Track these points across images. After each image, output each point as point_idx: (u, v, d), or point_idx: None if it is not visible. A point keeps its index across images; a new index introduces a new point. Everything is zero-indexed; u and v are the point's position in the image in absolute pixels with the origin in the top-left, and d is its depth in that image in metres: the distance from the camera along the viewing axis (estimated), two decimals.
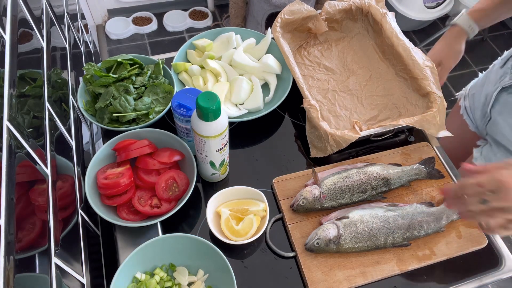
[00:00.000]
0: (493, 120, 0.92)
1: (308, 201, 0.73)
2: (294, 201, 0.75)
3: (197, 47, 0.95)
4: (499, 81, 0.91)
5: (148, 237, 0.67)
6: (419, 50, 0.90)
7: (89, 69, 0.83)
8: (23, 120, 0.51)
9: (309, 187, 0.75)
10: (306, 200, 0.73)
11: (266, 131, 0.89)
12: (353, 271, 0.70)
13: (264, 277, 0.71)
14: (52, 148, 0.60)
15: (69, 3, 1.03)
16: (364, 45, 1.00)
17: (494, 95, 0.91)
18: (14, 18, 0.56)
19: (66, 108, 0.75)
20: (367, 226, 0.70)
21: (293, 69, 0.86)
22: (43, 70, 0.65)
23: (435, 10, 2.25)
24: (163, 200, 0.72)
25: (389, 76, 0.94)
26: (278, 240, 0.74)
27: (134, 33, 2.30)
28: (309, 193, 0.74)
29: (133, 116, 0.80)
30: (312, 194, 0.74)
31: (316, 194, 0.74)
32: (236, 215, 0.72)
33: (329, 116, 0.88)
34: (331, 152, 0.79)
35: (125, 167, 0.73)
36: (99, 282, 0.70)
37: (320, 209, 0.75)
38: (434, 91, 0.83)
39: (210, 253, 0.65)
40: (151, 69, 0.87)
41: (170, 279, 0.67)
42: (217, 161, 0.73)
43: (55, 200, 0.56)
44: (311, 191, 0.74)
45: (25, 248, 0.43)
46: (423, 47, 2.28)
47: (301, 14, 0.94)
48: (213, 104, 0.61)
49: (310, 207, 0.74)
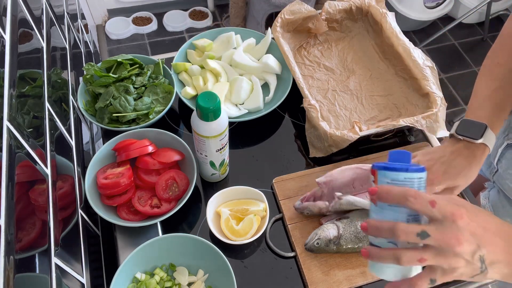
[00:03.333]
0: (500, 174, 0.90)
1: (323, 241, 0.69)
2: (309, 241, 0.70)
3: (197, 47, 0.95)
4: (505, 135, 0.87)
5: (148, 237, 0.67)
6: (419, 50, 0.90)
7: (89, 69, 0.83)
8: (23, 120, 0.51)
9: (325, 224, 0.71)
10: (321, 241, 0.69)
11: (266, 131, 0.89)
12: (353, 271, 0.70)
13: (264, 277, 0.71)
14: (52, 148, 0.60)
15: (69, 3, 1.03)
16: (364, 45, 1.00)
17: (500, 150, 0.88)
18: (14, 18, 0.56)
19: (66, 108, 0.75)
20: None
21: (293, 69, 0.86)
22: (43, 70, 0.65)
23: (435, 10, 2.25)
24: (163, 200, 0.72)
25: (389, 76, 0.94)
26: (278, 240, 0.74)
27: (134, 33, 2.30)
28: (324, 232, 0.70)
29: (133, 116, 0.80)
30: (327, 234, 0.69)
31: (332, 236, 0.69)
32: (236, 215, 0.72)
33: (329, 116, 0.88)
34: (331, 152, 0.79)
35: (125, 167, 0.73)
36: (99, 282, 0.70)
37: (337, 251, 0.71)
38: (434, 91, 0.83)
39: (210, 253, 0.65)
40: (151, 69, 0.87)
41: (170, 279, 0.67)
42: (217, 161, 0.73)
43: (55, 200, 0.56)
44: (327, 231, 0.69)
45: (25, 248, 0.43)
46: (423, 47, 2.28)
47: (301, 14, 0.94)
48: (213, 104, 0.61)
49: (325, 249, 0.70)
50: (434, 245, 0.43)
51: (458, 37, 2.39)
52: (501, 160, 0.89)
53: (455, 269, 0.43)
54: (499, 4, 2.27)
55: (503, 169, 0.88)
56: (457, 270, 0.43)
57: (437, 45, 2.35)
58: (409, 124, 0.79)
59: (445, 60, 2.29)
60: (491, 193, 0.95)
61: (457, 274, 0.43)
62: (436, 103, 0.82)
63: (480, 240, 0.43)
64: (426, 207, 0.43)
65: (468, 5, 2.27)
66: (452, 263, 0.43)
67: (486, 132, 0.64)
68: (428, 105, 0.84)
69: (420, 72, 0.86)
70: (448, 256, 0.43)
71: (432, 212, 0.43)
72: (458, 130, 0.66)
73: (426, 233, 0.43)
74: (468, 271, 0.43)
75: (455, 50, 2.34)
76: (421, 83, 0.86)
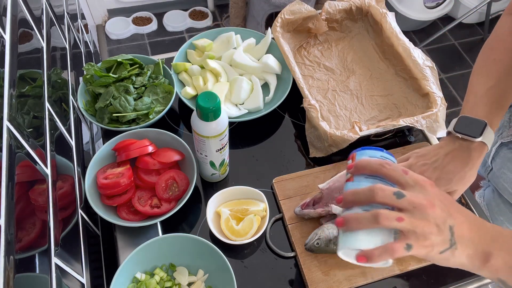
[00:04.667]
0: (495, 172, 0.90)
1: (323, 241, 0.69)
2: (309, 241, 0.70)
3: (197, 47, 0.95)
4: (499, 134, 0.87)
5: (148, 237, 0.67)
6: (419, 50, 0.90)
7: (89, 69, 0.83)
8: (23, 120, 0.51)
9: (325, 225, 0.71)
10: (321, 241, 0.68)
11: (266, 131, 0.89)
12: (353, 271, 0.70)
13: (264, 277, 0.71)
14: (52, 148, 0.60)
15: (69, 3, 1.03)
16: (364, 45, 1.00)
17: (494, 149, 0.88)
18: (14, 18, 0.56)
19: (66, 108, 0.75)
20: None
21: (293, 69, 0.86)
22: (43, 70, 0.65)
23: (435, 10, 2.25)
24: (163, 200, 0.72)
25: (389, 76, 0.94)
26: (278, 240, 0.74)
27: (134, 33, 2.30)
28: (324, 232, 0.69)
29: (133, 116, 0.80)
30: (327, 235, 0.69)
31: (332, 236, 0.69)
32: (236, 215, 0.72)
33: (329, 116, 0.88)
34: (331, 152, 0.79)
35: (125, 167, 0.73)
36: (99, 282, 0.70)
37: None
38: (434, 91, 0.83)
39: (210, 253, 0.65)
40: (151, 69, 0.87)
41: (170, 279, 0.67)
42: (217, 161, 0.73)
43: (55, 200, 0.56)
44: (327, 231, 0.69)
45: (25, 248, 0.43)
46: (423, 47, 2.28)
47: (301, 14, 0.94)
48: (213, 104, 0.61)
49: (325, 249, 0.69)
50: (408, 207, 0.44)
51: (458, 37, 2.39)
52: (495, 159, 0.89)
53: (428, 236, 0.44)
54: (499, 4, 2.27)
55: (497, 168, 0.88)
56: (430, 237, 0.44)
57: (437, 45, 2.35)
58: (409, 124, 0.79)
59: (445, 60, 2.29)
60: (486, 192, 0.95)
61: (430, 243, 0.44)
62: (436, 103, 0.82)
63: (448, 209, 0.45)
64: (400, 174, 0.47)
65: (468, 5, 2.27)
66: (425, 228, 0.44)
67: (486, 130, 0.62)
68: (428, 105, 0.84)
69: (420, 72, 0.86)
70: (422, 219, 0.44)
71: (405, 178, 0.46)
72: (457, 128, 0.64)
73: (402, 193, 0.45)
74: (439, 240, 0.44)
75: (455, 50, 2.34)
76: (421, 83, 0.86)
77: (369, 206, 0.47)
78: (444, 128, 0.81)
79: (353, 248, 0.47)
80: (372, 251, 0.45)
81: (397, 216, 0.44)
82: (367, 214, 0.45)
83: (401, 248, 0.44)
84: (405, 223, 0.44)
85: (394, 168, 0.47)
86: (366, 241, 0.46)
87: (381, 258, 0.44)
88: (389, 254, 0.44)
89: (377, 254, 0.44)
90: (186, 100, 0.86)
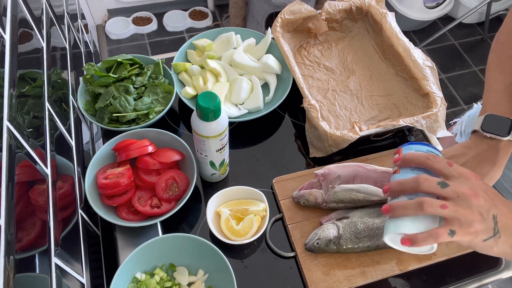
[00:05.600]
0: None
1: (323, 241, 0.69)
2: (309, 241, 0.70)
3: (197, 47, 0.95)
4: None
5: (148, 237, 0.67)
6: (419, 50, 0.90)
7: (89, 69, 0.83)
8: (23, 120, 0.51)
9: (325, 225, 0.71)
10: (321, 241, 0.69)
11: (266, 131, 0.89)
12: (353, 271, 0.70)
13: (264, 277, 0.71)
14: (52, 148, 0.60)
15: (69, 3, 1.03)
16: (364, 45, 1.00)
17: None
18: (14, 18, 0.56)
19: (66, 108, 0.75)
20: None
21: (293, 69, 0.86)
22: (43, 70, 0.65)
23: (435, 10, 2.25)
24: (163, 200, 0.72)
25: (389, 76, 0.94)
26: (278, 240, 0.74)
27: (134, 33, 2.30)
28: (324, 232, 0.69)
29: (133, 116, 0.80)
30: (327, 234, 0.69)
31: (331, 236, 0.69)
32: (236, 215, 0.72)
33: (329, 116, 0.88)
34: (331, 152, 0.79)
35: (125, 167, 0.73)
36: (99, 282, 0.70)
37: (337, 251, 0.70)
38: (434, 91, 0.83)
39: (210, 253, 0.65)
40: (151, 69, 0.87)
41: (170, 279, 0.67)
42: (217, 161, 0.73)
43: (55, 200, 0.56)
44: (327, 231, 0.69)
45: (25, 248, 0.43)
46: (423, 47, 2.29)
47: (301, 14, 0.94)
48: (213, 104, 0.61)
49: (325, 249, 0.69)
50: (452, 196, 0.46)
51: (458, 37, 2.39)
52: None
53: (472, 223, 0.45)
54: (499, 4, 2.27)
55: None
56: (474, 225, 0.45)
57: (437, 45, 2.35)
58: (409, 124, 0.79)
59: (445, 60, 2.29)
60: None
61: (473, 230, 0.45)
62: (436, 103, 0.82)
63: (492, 200, 0.47)
64: (445, 166, 0.48)
65: (468, 5, 2.27)
66: (469, 216, 0.45)
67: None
68: (428, 105, 0.84)
69: (420, 72, 0.86)
70: (466, 207, 0.45)
71: (449, 170, 0.48)
72: (484, 127, 0.63)
73: (446, 183, 0.46)
74: (483, 228, 0.45)
75: (455, 50, 2.34)
76: (421, 83, 0.86)
77: (415, 195, 0.48)
78: (444, 128, 0.81)
79: (399, 233, 0.49)
80: (416, 235, 0.47)
81: (441, 204, 0.45)
82: (412, 202, 0.47)
83: (445, 233, 0.45)
84: (448, 210, 0.45)
85: (439, 160, 0.49)
86: (411, 226, 0.48)
87: (425, 242, 0.46)
88: (433, 239, 0.46)
89: (421, 238, 0.46)
90: (186, 100, 0.86)
